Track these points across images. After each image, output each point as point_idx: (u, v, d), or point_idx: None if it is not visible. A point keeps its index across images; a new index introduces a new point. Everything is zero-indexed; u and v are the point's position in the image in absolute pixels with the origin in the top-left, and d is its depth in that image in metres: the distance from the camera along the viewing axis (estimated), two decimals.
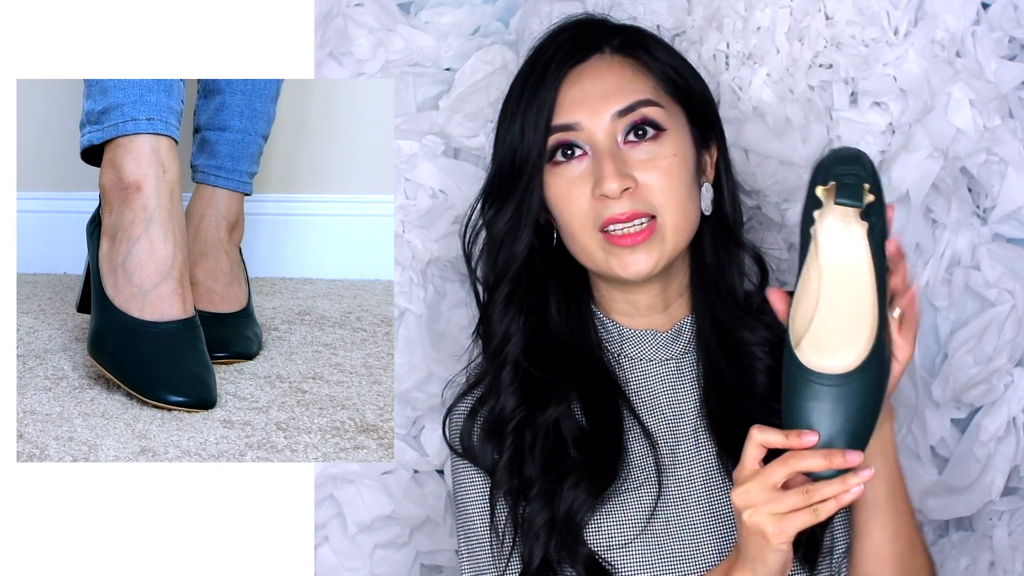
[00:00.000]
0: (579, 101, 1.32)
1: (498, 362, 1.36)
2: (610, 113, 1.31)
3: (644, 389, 1.36)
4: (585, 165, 1.32)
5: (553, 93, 1.32)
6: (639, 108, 1.31)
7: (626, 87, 1.32)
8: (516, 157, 1.33)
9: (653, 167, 1.31)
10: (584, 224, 1.31)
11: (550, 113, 1.32)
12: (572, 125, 1.32)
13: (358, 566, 1.68)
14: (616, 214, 1.29)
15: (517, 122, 1.33)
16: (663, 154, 1.31)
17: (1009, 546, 1.62)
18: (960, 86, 1.58)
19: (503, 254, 1.36)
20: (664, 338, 1.37)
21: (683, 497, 1.32)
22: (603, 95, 1.32)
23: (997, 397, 1.62)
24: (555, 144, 1.32)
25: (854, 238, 1.19)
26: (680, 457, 1.34)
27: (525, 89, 1.34)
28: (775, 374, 1.33)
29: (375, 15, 1.68)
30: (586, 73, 1.33)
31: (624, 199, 1.29)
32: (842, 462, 1.16)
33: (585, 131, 1.31)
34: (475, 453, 1.35)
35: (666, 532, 1.31)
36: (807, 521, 1.17)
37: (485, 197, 1.38)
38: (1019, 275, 1.61)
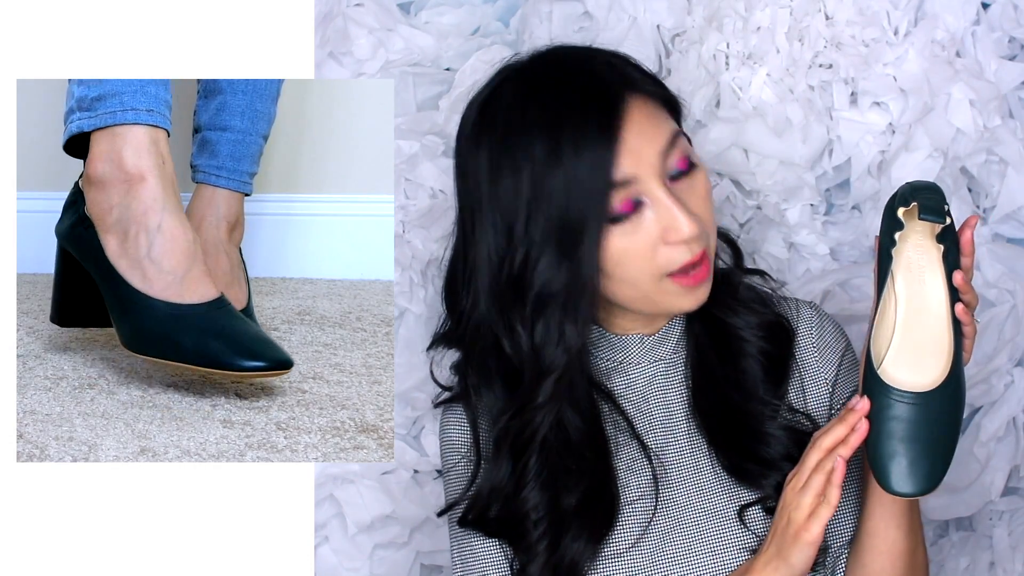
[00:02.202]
0: (628, 152, 1.23)
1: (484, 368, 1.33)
2: (657, 157, 1.24)
3: (634, 394, 1.36)
4: (648, 215, 1.24)
5: (611, 153, 1.22)
6: (675, 141, 1.25)
7: (659, 125, 1.25)
8: (568, 216, 1.22)
9: (698, 198, 1.26)
10: (651, 274, 1.25)
11: (608, 171, 1.22)
12: (630, 180, 1.23)
13: (358, 566, 1.68)
14: (691, 259, 1.24)
15: (556, 174, 1.22)
16: (700, 182, 1.26)
17: (1009, 546, 1.62)
18: (960, 86, 1.58)
19: (572, 304, 1.25)
20: (652, 341, 1.36)
21: (676, 498, 1.32)
22: (649, 141, 1.24)
23: (997, 397, 1.62)
24: (617, 204, 1.23)
25: (932, 260, 1.24)
26: (673, 459, 1.34)
27: (560, 145, 1.22)
28: (769, 357, 1.34)
29: (375, 15, 1.68)
30: (623, 123, 1.23)
31: (693, 241, 1.24)
32: (855, 416, 1.19)
33: (643, 182, 1.23)
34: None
35: (661, 536, 1.31)
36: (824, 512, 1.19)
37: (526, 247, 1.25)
38: (1019, 275, 1.61)
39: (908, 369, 1.22)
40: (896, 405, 1.20)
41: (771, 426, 1.29)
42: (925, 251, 1.24)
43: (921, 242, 1.24)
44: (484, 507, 1.31)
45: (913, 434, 1.19)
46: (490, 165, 1.25)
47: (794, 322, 1.37)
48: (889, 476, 1.19)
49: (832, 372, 1.36)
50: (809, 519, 1.20)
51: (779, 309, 1.37)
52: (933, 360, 1.22)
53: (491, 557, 1.33)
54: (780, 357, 1.35)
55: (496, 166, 1.25)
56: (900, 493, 1.19)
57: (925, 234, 1.24)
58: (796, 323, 1.37)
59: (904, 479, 1.19)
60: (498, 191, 1.25)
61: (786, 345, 1.36)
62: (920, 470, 1.19)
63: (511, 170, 1.24)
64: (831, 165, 1.64)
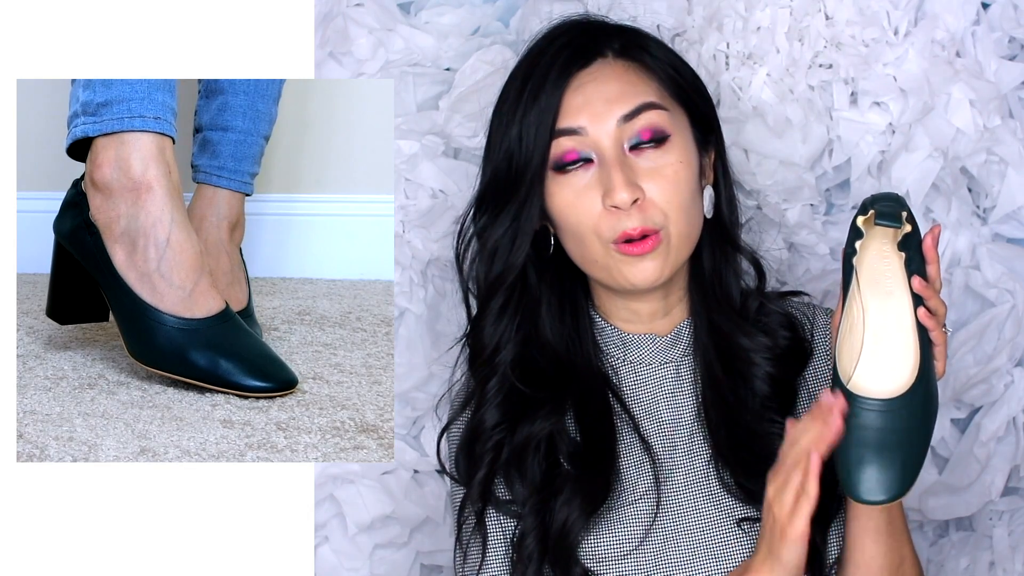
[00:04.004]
0: (583, 106, 1.28)
1: (486, 372, 1.34)
2: (615, 118, 1.28)
3: (643, 393, 1.36)
4: (592, 173, 1.28)
5: (556, 98, 1.28)
6: (644, 112, 1.29)
7: (630, 91, 1.30)
8: (513, 163, 1.29)
9: (659, 176, 1.28)
10: (594, 233, 1.28)
11: (554, 118, 1.28)
12: (576, 130, 1.28)
13: (358, 566, 1.68)
14: (628, 230, 1.27)
15: (515, 127, 1.29)
16: (668, 162, 1.29)
17: (1009, 546, 1.62)
18: (960, 86, 1.58)
19: (498, 264, 1.32)
20: (664, 342, 1.36)
21: (678, 504, 1.32)
22: (608, 100, 1.29)
23: (997, 397, 1.62)
24: (559, 152, 1.29)
25: (894, 267, 1.24)
26: (676, 463, 1.33)
27: (524, 93, 1.30)
28: (776, 382, 1.33)
29: (375, 15, 1.68)
30: (589, 78, 1.30)
31: (634, 212, 1.27)
32: (831, 413, 1.18)
33: (590, 137, 1.28)
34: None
35: (661, 541, 1.30)
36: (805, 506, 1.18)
37: (478, 205, 1.34)
38: (1019, 275, 1.61)
39: (872, 377, 1.21)
40: (861, 413, 1.19)
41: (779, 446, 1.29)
42: (886, 258, 1.24)
43: (883, 250, 1.24)
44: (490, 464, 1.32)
45: (878, 441, 1.18)
46: (490, 126, 1.34)
47: (811, 334, 1.37)
48: (852, 484, 1.18)
49: None
50: (792, 515, 1.19)
51: (803, 331, 1.37)
52: (898, 367, 1.21)
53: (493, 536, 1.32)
54: (787, 381, 1.35)
55: (491, 126, 1.34)
56: (864, 501, 1.19)
57: (886, 242, 1.24)
58: (813, 333, 1.37)
59: (867, 486, 1.18)
60: (487, 146, 1.34)
61: (797, 369, 1.35)
62: (885, 478, 1.18)
63: (495, 125, 1.33)
64: (831, 165, 1.64)
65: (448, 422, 1.37)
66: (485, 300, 1.34)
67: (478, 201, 1.35)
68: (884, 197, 1.24)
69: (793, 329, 1.36)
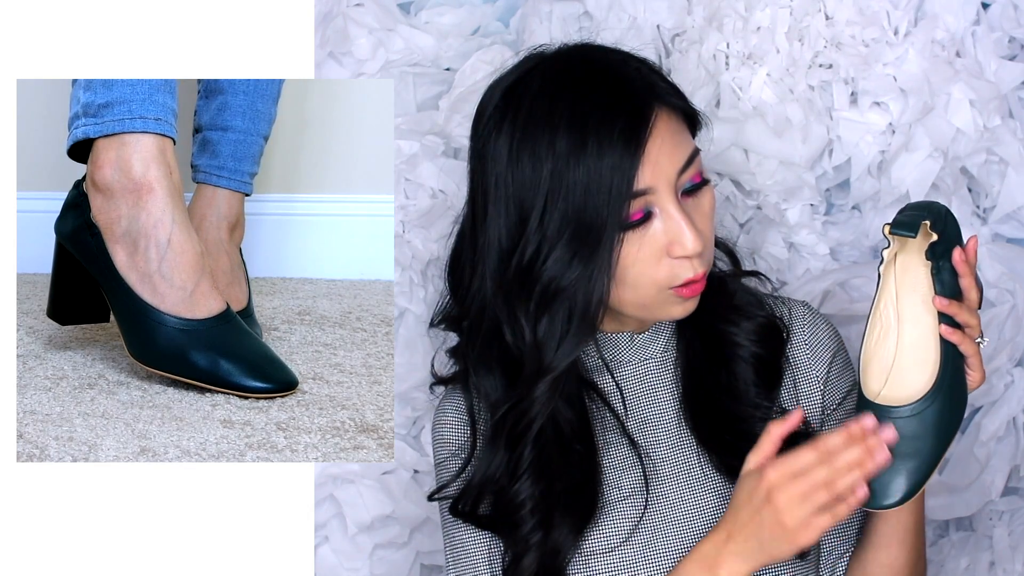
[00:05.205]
0: (653, 168, 1.23)
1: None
2: (676, 172, 1.25)
3: (625, 392, 1.36)
4: (654, 224, 1.24)
5: (631, 166, 1.22)
6: (693, 160, 1.26)
7: (681, 141, 1.26)
8: (584, 216, 1.23)
9: (703, 215, 1.27)
10: (656, 283, 1.26)
11: (628, 184, 1.22)
12: (646, 191, 1.24)
13: (358, 566, 1.68)
14: (694, 276, 1.25)
15: (577, 172, 1.22)
16: (707, 198, 1.28)
17: (1009, 546, 1.62)
18: (960, 86, 1.58)
19: (580, 304, 1.25)
20: (641, 339, 1.36)
21: (667, 495, 1.32)
22: (670, 157, 1.25)
23: (997, 397, 1.62)
24: (628, 212, 1.23)
25: (919, 277, 1.24)
26: (663, 456, 1.33)
27: (583, 147, 1.22)
28: (762, 360, 1.33)
29: (375, 15, 1.68)
30: (650, 137, 1.24)
31: (696, 257, 1.25)
32: (875, 440, 1.19)
33: (656, 195, 1.24)
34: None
35: (651, 533, 1.31)
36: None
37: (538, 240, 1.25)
38: (1019, 275, 1.61)
39: (889, 385, 1.23)
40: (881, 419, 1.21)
41: (761, 428, 1.29)
42: (910, 268, 1.25)
43: (907, 260, 1.25)
44: (476, 498, 1.31)
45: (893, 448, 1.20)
46: (510, 151, 1.25)
47: (788, 322, 1.37)
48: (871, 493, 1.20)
49: (823, 370, 1.36)
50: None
51: (774, 311, 1.37)
52: (913, 375, 1.23)
53: (481, 549, 1.33)
54: (772, 360, 1.35)
55: (516, 153, 1.25)
56: (865, 505, 1.20)
57: (912, 252, 1.24)
58: (790, 323, 1.37)
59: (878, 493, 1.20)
60: (516, 178, 1.25)
61: (779, 347, 1.36)
62: (897, 484, 1.20)
63: (531, 160, 1.24)
64: (831, 165, 1.64)
65: (440, 486, 1.37)
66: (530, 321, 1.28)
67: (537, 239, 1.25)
68: (913, 206, 1.24)
69: (761, 306, 1.37)
